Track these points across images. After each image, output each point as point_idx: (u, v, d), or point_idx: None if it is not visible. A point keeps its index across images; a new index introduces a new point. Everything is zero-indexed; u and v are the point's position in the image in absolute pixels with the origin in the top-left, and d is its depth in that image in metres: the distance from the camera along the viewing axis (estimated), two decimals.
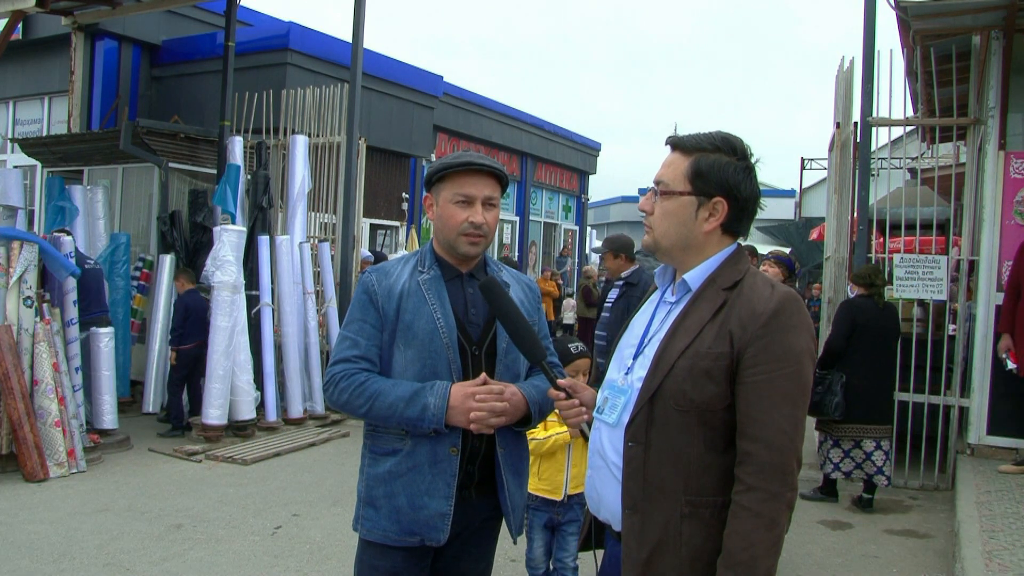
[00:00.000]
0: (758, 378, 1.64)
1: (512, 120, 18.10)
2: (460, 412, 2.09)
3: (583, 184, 22.24)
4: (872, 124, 6.25)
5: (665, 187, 1.79)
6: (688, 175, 1.76)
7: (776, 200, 26.52)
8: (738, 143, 1.79)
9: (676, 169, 1.78)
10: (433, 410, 2.09)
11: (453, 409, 2.10)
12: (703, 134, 1.80)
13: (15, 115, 12.69)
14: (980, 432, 6.00)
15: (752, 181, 1.77)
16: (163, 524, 4.95)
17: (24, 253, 6.02)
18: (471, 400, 2.10)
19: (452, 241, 2.24)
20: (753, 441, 1.63)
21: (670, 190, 1.78)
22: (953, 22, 5.92)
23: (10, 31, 7.63)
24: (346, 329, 2.25)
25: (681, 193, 1.77)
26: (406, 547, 2.19)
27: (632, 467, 1.72)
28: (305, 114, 9.06)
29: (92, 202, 8.56)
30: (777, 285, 1.75)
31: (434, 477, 2.15)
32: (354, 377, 2.17)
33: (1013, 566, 3.78)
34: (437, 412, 2.09)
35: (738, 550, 1.60)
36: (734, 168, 1.75)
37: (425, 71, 14.10)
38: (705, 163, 1.75)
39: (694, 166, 1.76)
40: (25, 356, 5.91)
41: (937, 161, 7.23)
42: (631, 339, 1.87)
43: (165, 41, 11.99)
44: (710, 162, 1.75)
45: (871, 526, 5.29)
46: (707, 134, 1.79)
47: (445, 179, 2.23)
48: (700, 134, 1.80)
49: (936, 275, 6.10)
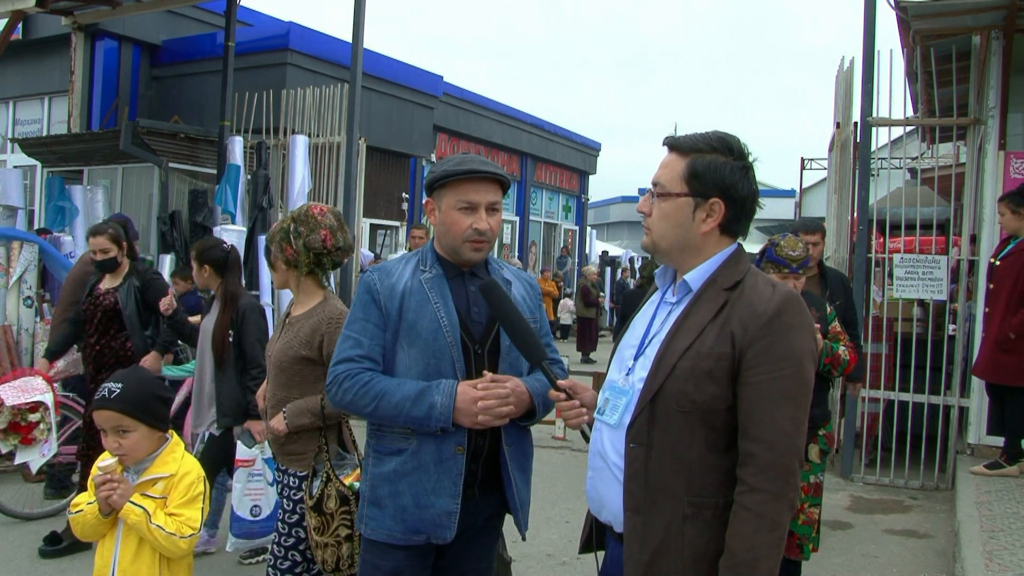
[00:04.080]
0: (760, 378, 1.64)
1: (512, 120, 18.10)
2: (465, 413, 2.10)
3: (583, 184, 22.24)
4: (872, 124, 6.25)
5: (662, 189, 1.79)
6: (684, 176, 1.76)
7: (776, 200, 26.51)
8: (735, 143, 1.78)
9: (673, 170, 1.78)
10: (440, 409, 2.09)
11: (459, 410, 2.10)
12: (699, 134, 1.79)
13: (15, 115, 12.70)
14: (980, 432, 6.00)
15: (749, 181, 1.77)
16: None
17: (24, 253, 6.03)
18: (476, 403, 2.10)
19: (456, 247, 2.24)
20: (755, 442, 1.63)
21: (667, 192, 1.78)
22: (953, 22, 5.92)
23: (10, 31, 7.64)
24: (348, 329, 2.25)
25: (678, 195, 1.76)
26: (409, 546, 2.19)
27: (634, 468, 1.72)
28: (305, 114, 9.05)
29: (92, 202, 8.57)
30: (778, 285, 1.75)
31: (440, 476, 2.15)
32: (358, 377, 2.17)
33: (1013, 566, 3.78)
34: (444, 411, 2.09)
35: (740, 551, 1.60)
36: (731, 168, 1.75)
37: (425, 71, 14.11)
38: (701, 164, 1.75)
39: (690, 167, 1.75)
40: (25, 356, 5.92)
41: (937, 161, 7.23)
42: (632, 340, 1.86)
43: (165, 41, 11.99)
44: (706, 163, 1.75)
45: (871, 526, 5.29)
46: (703, 134, 1.79)
47: (448, 185, 2.22)
48: (696, 134, 1.80)
49: (936, 275, 6.10)
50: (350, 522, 2.64)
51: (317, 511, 2.69)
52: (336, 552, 2.65)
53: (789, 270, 3.48)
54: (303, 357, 2.85)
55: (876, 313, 6.49)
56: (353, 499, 2.64)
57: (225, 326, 4.02)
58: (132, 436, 2.32)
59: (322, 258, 2.91)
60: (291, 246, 2.89)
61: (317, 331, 2.84)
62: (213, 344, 4.05)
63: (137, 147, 8.38)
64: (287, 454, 2.90)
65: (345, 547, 2.65)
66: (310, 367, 2.87)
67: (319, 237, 2.87)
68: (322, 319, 2.86)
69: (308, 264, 2.90)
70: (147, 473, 2.36)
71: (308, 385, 2.87)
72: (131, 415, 2.31)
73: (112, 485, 2.25)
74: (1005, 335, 5.13)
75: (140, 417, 2.32)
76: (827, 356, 3.53)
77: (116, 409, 2.30)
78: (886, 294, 6.65)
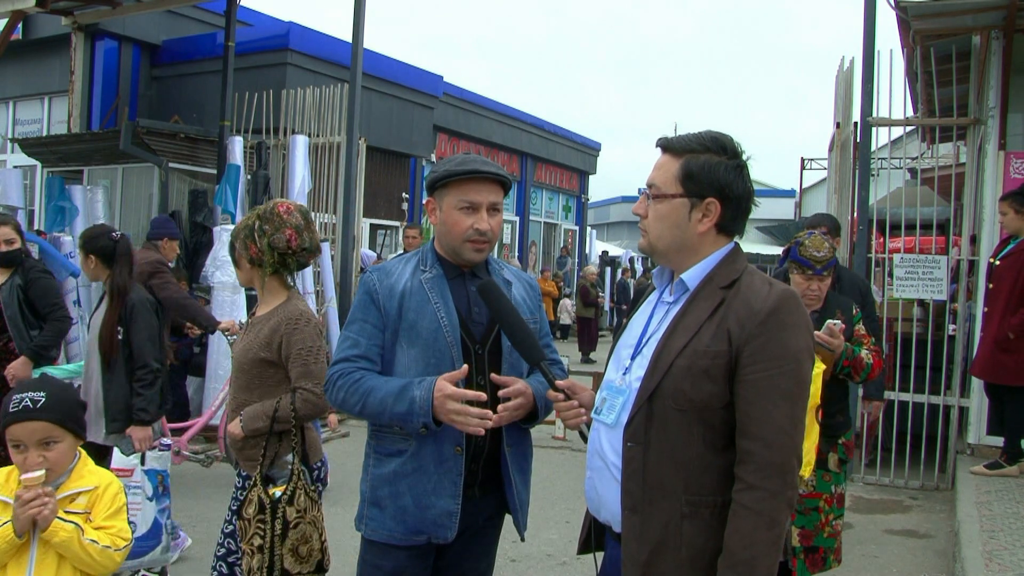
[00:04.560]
0: (757, 376, 1.64)
1: (512, 120, 18.10)
2: (439, 409, 2.05)
3: (583, 184, 22.24)
4: (872, 124, 6.25)
5: (657, 190, 1.79)
6: (678, 177, 1.76)
7: (776, 200, 26.54)
8: (728, 142, 1.78)
9: (666, 172, 1.78)
10: (419, 403, 2.06)
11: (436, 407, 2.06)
12: (692, 135, 1.79)
13: (15, 115, 12.70)
14: (980, 432, 6.00)
15: (744, 179, 1.77)
16: None
17: None
18: (449, 401, 2.04)
19: (457, 247, 2.24)
20: (753, 440, 1.63)
21: (662, 193, 1.78)
22: (953, 22, 5.92)
23: (10, 31, 7.64)
24: (347, 329, 2.26)
25: (673, 196, 1.77)
26: (410, 546, 2.19)
27: (631, 468, 1.72)
28: (305, 114, 9.06)
29: (92, 202, 8.56)
30: (775, 283, 1.75)
31: (440, 477, 2.15)
32: (350, 376, 2.18)
33: (1013, 566, 3.78)
34: (424, 405, 2.06)
35: (739, 549, 1.60)
36: (725, 167, 1.74)
37: (425, 71, 14.10)
38: (695, 164, 1.75)
39: (684, 168, 1.75)
40: None
41: (937, 161, 7.23)
42: (629, 339, 1.86)
43: (165, 41, 11.99)
44: (700, 163, 1.74)
45: (871, 526, 5.29)
46: (696, 134, 1.79)
47: (449, 185, 2.22)
48: (689, 135, 1.80)
49: (936, 275, 6.10)
50: (263, 532, 2.54)
51: (238, 515, 2.61)
52: (249, 562, 2.54)
53: (813, 272, 3.31)
54: (262, 359, 2.73)
55: (876, 313, 6.48)
56: (269, 509, 2.55)
57: (113, 323, 3.74)
58: (59, 448, 2.12)
59: (287, 258, 2.79)
60: (255, 244, 2.76)
61: (276, 332, 2.71)
62: (100, 343, 3.76)
63: (137, 147, 8.39)
64: (247, 459, 2.77)
65: (256, 558, 2.53)
66: (270, 369, 2.74)
67: (284, 237, 2.75)
68: (281, 320, 2.73)
69: (272, 264, 2.77)
70: (65, 488, 2.16)
71: (268, 388, 2.74)
72: (62, 425, 2.12)
73: (43, 500, 2.02)
74: (1004, 335, 5.13)
75: (69, 427, 2.15)
76: (847, 359, 3.28)
77: (47, 419, 2.10)
78: (886, 294, 6.65)
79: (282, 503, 2.57)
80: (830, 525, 3.41)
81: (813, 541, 3.37)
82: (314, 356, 2.72)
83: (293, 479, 2.63)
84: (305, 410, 2.68)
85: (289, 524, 2.56)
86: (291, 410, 2.65)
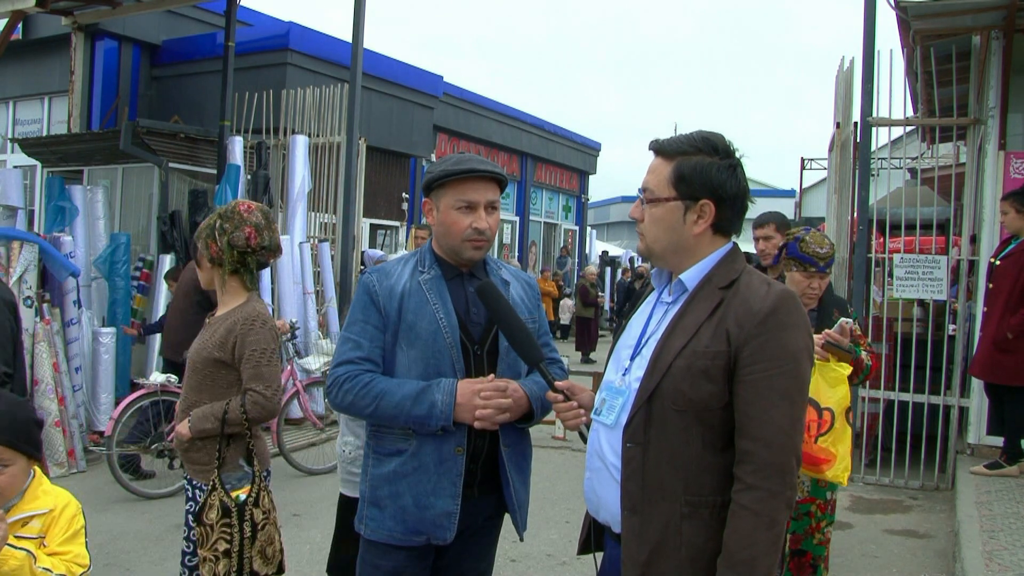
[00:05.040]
0: (756, 376, 1.64)
1: (512, 120, 18.09)
2: (466, 409, 2.10)
3: (583, 184, 22.24)
4: (872, 124, 6.24)
5: (651, 194, 1.79)
6: (671, 180, 1.76)
7: (776, 200, 26.52)
8: (720, 141, 1.77)
9: (659, 175, 1.78)
10: (441, 407, 2.09)
11: (460, 406, 2.10)
12: (683, 136, 1.79)
13: (15, 115, 12.69)
14: (980, 432, 6.00)
15: (737, 179, 1.76)
16: (163, 524, 4.95)
17: (24, 253, 6.03)
18: (477, 397, 2.10)
19: (456, 247, 2.24)
20: (752, 440, 1.63)
21: (655, 197, 1.78)
22: (953, 22, 5.92)
23: (10, 31, 7.64)
24: (348, 331, 2.25)
25: (667, 199, 1.76)
26: (410, 546, 2.20)
27: (631, 468, 1.72)
28: (305, 114, 9.06)
29: (92, 202, 8.55)
30: (773, 283, 1.75)
31: (440, 477, 2.15)
32: (358, 378, 2.17)
33: (1013, 566, 3.78)
34: (445, 409, 2.09)
35: (738, 549, 1.60)
36: (717, 168, 1.74)
37: (425, 71, 14.10)
38: (687, 166, 1.74)
39: (676, 171, 1.75)
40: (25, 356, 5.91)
41: (937, 161, 7.23)
42: (628, 340, 1.86)
43: (165, 41, 11.99)
44: (692, 165, 1.74)
45: (871, 526, 5.29)
46: (687, 136, 1.79)
47: (446, 185, 2.22)
48: (680, 136, 1.80)
49: (936, 275, 6.10)
50: (230, 536, 2.53)
51: (198, 521, 2.59)
52: (213, 568, 2.52)
53: (816, 269, 3.22)
54: (216, 359, 2.71)
55: (876, 313, 6.49)
56: (235, 512, 2.54)
57: None
58: (11, 470, 1.98)
59: (246, 257, 2.77)
60: (216, 243, 2.75)
61: (232, 332, 2.69)
62: None
63: (137, 147, 8.37)
64: (191, 463, 2.75)
65: (223, 563, 2.52)
66: (224, 370, 2.73)
67: (243, 235, 2.74)
68: (237, 320, 2.71)
69: (232, 262, 2.76)
70: (18, 510, 2.01)
71: (220, 390, 2.73)
72: (13, 446, 1.98)
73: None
74: (1003, 335, 5.13)
75: (22, 448, 2.00)
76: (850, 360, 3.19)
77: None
78: (886, 294, 6.65)
79: (248, 505, 2.57)
80: (820, 532, 3.36)
81: (801, 545, 3.35)
82: (267, 358, 2.71)
83: (256, 481, 2.65)
84: (255, 412, 2.67)
85: (257, 526, 2.59)
86: (241, 412, 2.65)
